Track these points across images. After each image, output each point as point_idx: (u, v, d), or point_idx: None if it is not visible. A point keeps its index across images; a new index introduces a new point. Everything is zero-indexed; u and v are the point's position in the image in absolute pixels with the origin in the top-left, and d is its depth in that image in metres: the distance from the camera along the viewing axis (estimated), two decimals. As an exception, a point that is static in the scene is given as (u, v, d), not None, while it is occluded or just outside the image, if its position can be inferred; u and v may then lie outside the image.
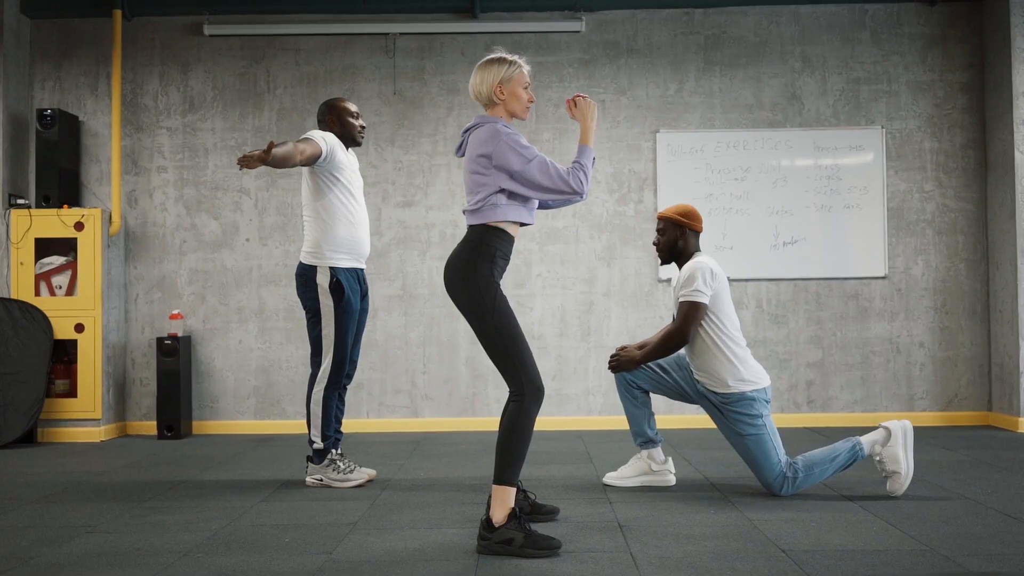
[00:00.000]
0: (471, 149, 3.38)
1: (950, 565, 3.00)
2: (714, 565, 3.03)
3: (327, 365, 4.41)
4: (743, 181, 6.50)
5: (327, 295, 4.37)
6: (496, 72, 3.41)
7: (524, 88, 3.45)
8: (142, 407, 6.55)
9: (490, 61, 3.44)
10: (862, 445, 4.03)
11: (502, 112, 3.44)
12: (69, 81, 6.62)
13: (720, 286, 4.12)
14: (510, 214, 3.35)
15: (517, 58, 3.46)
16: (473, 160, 3.35)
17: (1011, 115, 6.13)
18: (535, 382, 3.27)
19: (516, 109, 3.45)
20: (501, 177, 3.31)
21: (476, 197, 3.35)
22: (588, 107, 3.47)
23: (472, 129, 3.43)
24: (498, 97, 3.41)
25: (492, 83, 3.40)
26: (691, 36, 6.60)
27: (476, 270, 3.30)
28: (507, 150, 3.29)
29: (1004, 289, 6.26)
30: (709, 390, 4.15)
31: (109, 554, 3.25)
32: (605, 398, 6.49)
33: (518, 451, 3.24)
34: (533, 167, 3.29)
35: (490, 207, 3.33)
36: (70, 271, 6.26)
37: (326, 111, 4.56)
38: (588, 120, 3.45)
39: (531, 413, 3.26)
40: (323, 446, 4.44)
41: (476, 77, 3.44)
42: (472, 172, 3.36)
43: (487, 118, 3.41)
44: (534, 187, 3.31)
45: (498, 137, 3.30)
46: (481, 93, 3.43)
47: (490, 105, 3.44)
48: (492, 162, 3.30)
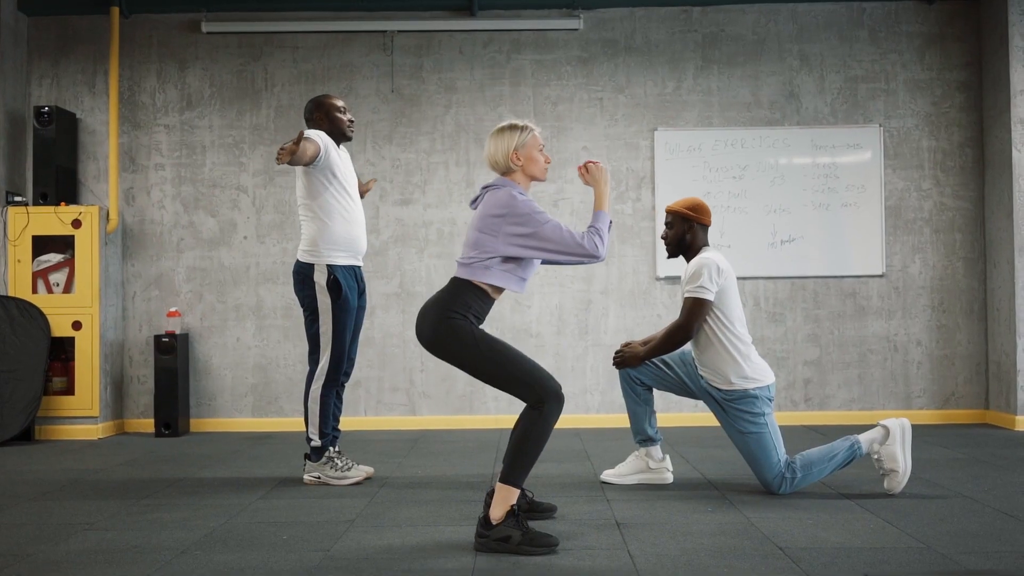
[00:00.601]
0: (484, 208, 3.40)
1: (947, 563, 3.00)
2: (711, 563, 3.03)
3: (325, 363, 4.41)
4: (741, 179, 6.51)
5: (324, 293, 4.37)
6: (509, 140, 3.45)
7: (539, 150, 3.49)
8: (139, 405, 6.54)
9: (501, 130, 3.48)
10: (860, 444, 4.04)
11: (520, 178, 3.48)
12: (66, 78, 6.62)
13: (727, 282, 4.10)
14: (497, 278, 3.38)
15: (527, 122, 3.50)
16: (484, 219, 3.37)
17: (1009, 113, 6.13)
18: (552, 387, 3.27)
19: (535, 172, 3.49)
20: (508, 242, 3.33)
21: (472, 253, 3.39)
22: (600, 173, 3.52)
23: (490, 188, 3.45)
24: (515, 164, 3.45)
25: (507, 151, 3.44)
26: (689, 34, 6.60)
27: (448, 315, 3.33)
28: (521, 215, 3.32)
29: (1001, 287, 6.26)
30: (712, 386, 4.15)
31: (107, 551, 3.25)
32: (603, 396, 6.50)
33: (532, 455, 3.24)
34: (546, 229, 3.31)
35: (481, 267, 3.37)
36: (67, 268, 6.26)
37: (313, 108, 4.56)
38: (601, 185, 3.50)
39: (551, 418, 3.26)
40: (321, 444, 4.45)
41: (490, 147, 3.48)
42: (479, 230, 3.38)
43: (506, 182, 3.44)
44: (547, 250, 3.33)
45: (514, 202, 3.34)
46: (498, 163, 3.47)
47: (508, 172, 3.47)
48: (503, 225, 3.32)
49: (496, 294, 3.43)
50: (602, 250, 3.37)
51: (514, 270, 3.40)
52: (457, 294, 3.37)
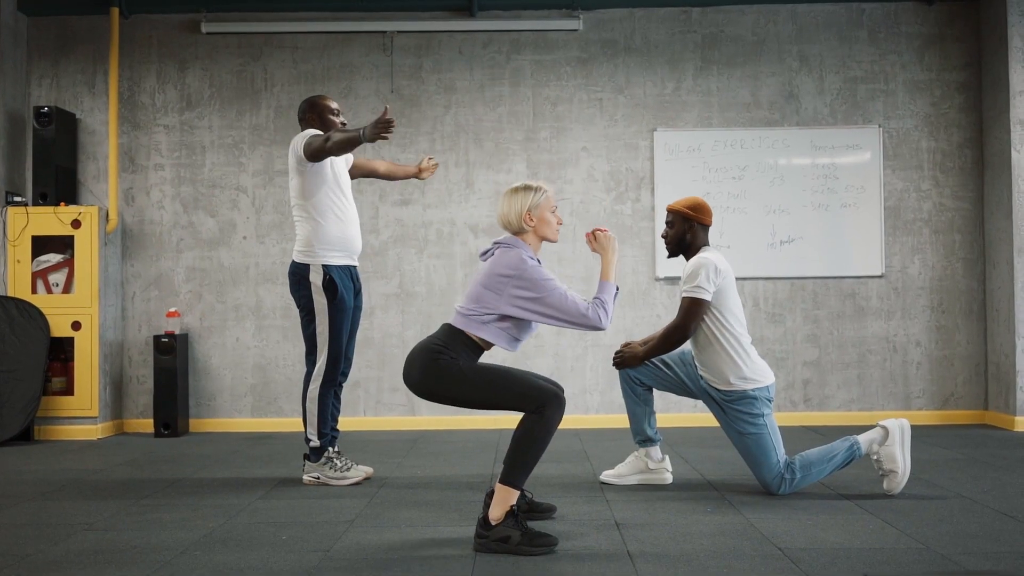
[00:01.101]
0: (493, 266, 3.42)
1: (946, 563, 3.00)
2: (711, 563, 3.04)
3: (322, 363, 4.41)
4: (740, 180, 6.51)
5: (320, 293, 4.37)
6: (523, 201, 3.47)
7: (552, 211, 3.52)
8: (139, 405, 6.54)
9: (515, 190, 3.51)
10: (859, 444, 4.04)
11: (532, 238, 3.50)
12: (66, 79, 6.62)
13: (725, 282, 4.10)
14: (490, 335, 3.40)
15: (541, 183, 3.53)
16: (491, 276, 3.39)
17: (1008, 114, 6.14)
18: (550, 390, 3.27)
19: (547, 233, 3.52)
20: (510, 303, 3.35)
21: (472, 306, 3.41)
22: (608, 241, 3.54)
23: (502, 246, 3.47)
24: (527, 224, 3.47)
25: (520, 212, 3.47)
26: (689, 35, 6.60)
27: (435, 360, 3.34)
28: (528, 280, 3.33)
29: (1000, 288, 6.27)
30: (711, 387, 4.15)
31: (106, 552, 3.25)
32: (602, 396, 6.50)
33: (533, 457, 3.24)
34: (553, 298, 3.33)
35: (478, 322, 3.39)
36: (67, 269, 6.26)
37: (307, 109, 4.57)
38: (609, 254, 3.53)
39: (553, 420, 3.25)
40: (320, 444, 4.45)
41: (504, 206, 3.50)
42: (484, 285, 3.40)
43: (518, 242, 3.46)
44: (549, 316, 3.35)
45: (524, 266, 3.35)
46: (511, 223, 3.49)
47: (520, 232, 3.49)
48: (509, 285, 3.33)
49: (486, 347, 3.45)
50: (605, 322, 3.38)
51: (509, 329, 3.42)
52: (447, 341, 3.39)
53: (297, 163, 4.37)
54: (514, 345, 3.47)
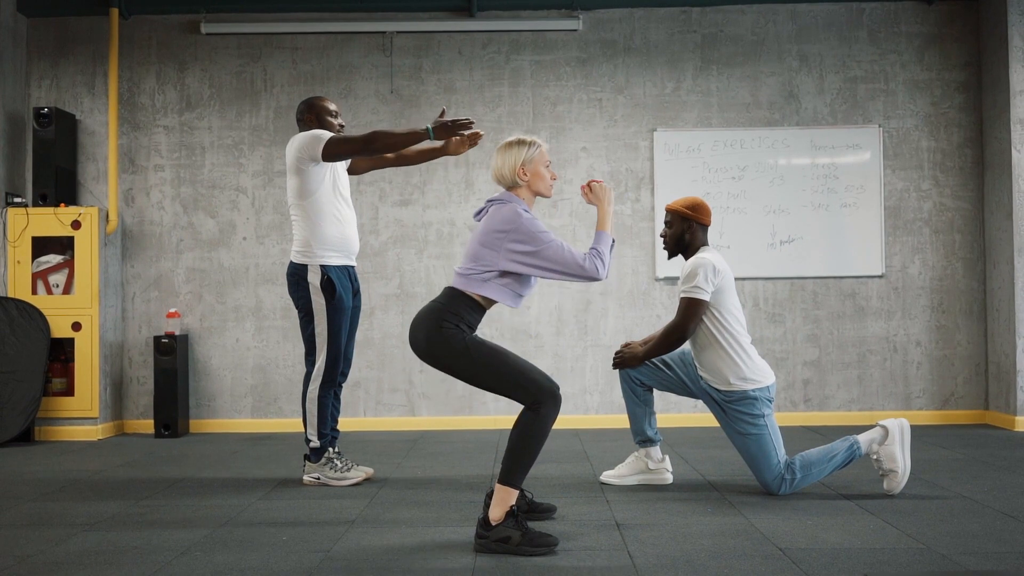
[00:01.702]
0: (488, 222, 3.41)
1: (947, 563, 3.00)
2: (711, 563, 3.04)
3: (321, 363, 4.41)
4: (740, 180, 6.51)
5: (319, 293, 4.37)
6: (517, 154, 3.46)
7: (546, 166, 3.50)
8: (139, 406, 6.54)
9: (509, 144, 3.49)
10: (859, 444, 4.04)
11: (526, 193, 3.49)
12: (66, 79, 6.62)
13: (724, 282, 4.09)
14: (491, 291, 3.39)
15: (535, 138, 3.51)
16: (487, 233, 3.39)
17: (1008, 114, 6.13)
18: (547, 387, 3.26)
19: (541, 188, 3.50)
20: (508, 258, 3.34)
21: (471, 265, 3.40)
22: (604, 192, 3.52)
23: (496, 203, 3.46)
24: (521, 179, 3.46)
25: (514, 166, 3.45)
26: (688, 35, 6.60)
27: (440, 330, 3.34)
28: (524, 233, 3.33)
29: (1001, 288, 6.27)
30: (712, 387, 4.14)
31: (107, 552, 3.25)
32: (602, 397, 6.50)
33: (530, 456, 3.24)
34: (550, 250, 3.32)
35: (478, 280, 3.38)
36: (67, 270, 6.26)
37: (305, 110, 4.57)
38: (604, 205, 3.51)
39: (548, 418, 3.25)
40: (320, 444, 4.45)
41: (497, 160, 3.49)
42: (480, 243, 3.39)
43: (512, 197, 3.45)
44: (547, 269, 3.34)
45: (519, 219, 3.35)
46: (504, 176, 3.48)
47: (514, 187, 3.48)
48: (506, 241, 3.33)
49: (488, 305, 3.44)
50: (603, 272, 3.37)
51: (510, 285, 3.41)
52: (449, 304, 3.38)
53: (297, 162, 4.37)
54: (516, 301, 3.46)
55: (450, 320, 3.34)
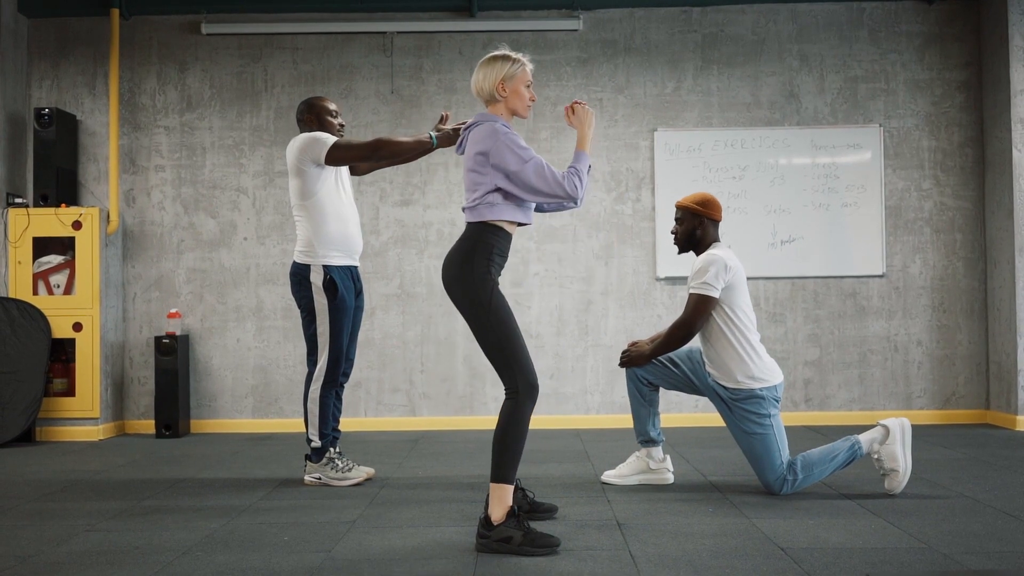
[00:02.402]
0: (470, 147, 3.39)
1: (948, 563, 3.00)
2: (713, 563, 3.03)
3: (323, 363, 4.41)
4: (741, 180, 6.51)
5: (321, 293, 4.37)
6: (499, 69, 3.41)
7: (526, 86, 3.45)
8: (140, 406, 6.54)
9: (493, 58, 3.44)
10: (860, 444, 4.03)
11: (503, 110, 3.44)
12: (67, 80, 6.62)
13: (735, 279, 4.08)
14: (506, 213, 3.36)
15: (520, 56, 3.46)
16: (471, 158, 3.37)
17: (1009, 113, 6.13)
18: (529, 379, 3.26)
19: (518, 107, 3.45)
20: (497, 176, 3.32)
21: (473, 195, 3.37)
22: (585, 114, 3.47)
23: (472, 127, 3.43)
24: (500, 94, 3.41)
25: (495, 80, 3.41)
26: (689, 34, 6.60)
27: (473, 267, 3.31)
28: (504, 149, 3.29)
29: (1002, 287, 6.26)
30: (719, 384, 4.13)
31: (108, 553, 3.25)
32: (603, 396, 6.50)
33: (514, 449, 3.24)
34: (528, 168, 3.29)
35: (487, 205, 3.35)
36: (68, 270, 6.26)
37: (305, 110, 4.57)
38: (585, 127, 3.46)
39: (526, 411, 3.25)
40: (321, 444, 4.44)
41: (479, 73, 3.44)
42: (470, 170, 3.37)
43: (487, 116, 3.41)
44: (528, 189, 3.31)
45: (496, 136, 3.31)
46: (483, 89, 3.43)
47: (491, 102, 3.44)
48: (489, 160, 3.31)
49: (512, 229, 3.41)
50: (580, 192, 3.35)
51: (515, 200, 3.38)
52: (478, 239, 3.34)
53: (298, 164, 4.37)
54: (528, 215, 3.43)
55: (482, 256, 3.31)
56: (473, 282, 3.30)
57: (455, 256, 3.36)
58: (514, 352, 3.27)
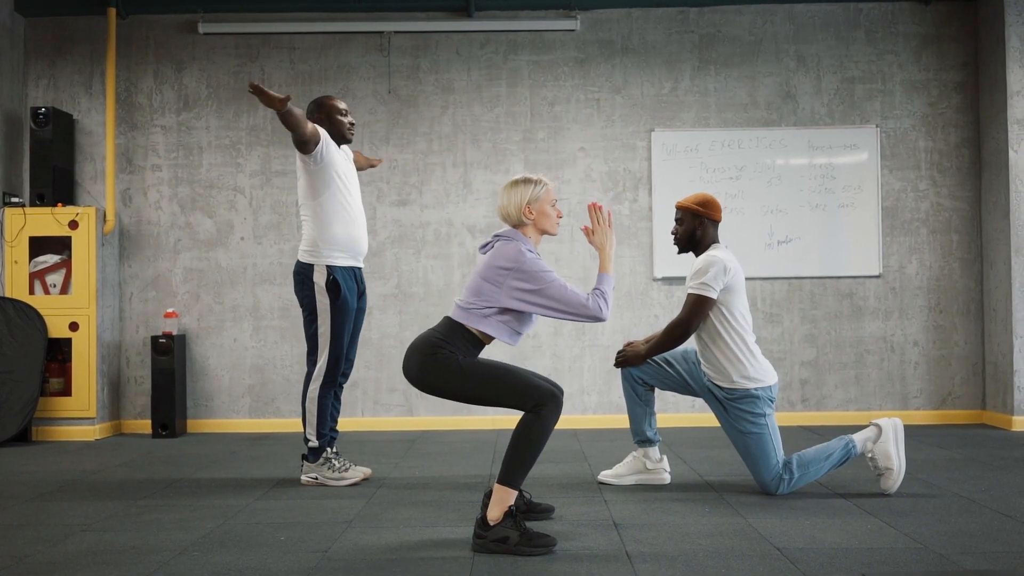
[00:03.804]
0: (492, 258, 3.42)
1: (944, 563, 3.01)
2: (709, 563, 3.04)
3: (323, 363, 4.41)
4: (738, 180, 6.51)
5: (323, 293, 4.38)
6: (523, 193, 3.47)
7: (552, 205, 3.52)
8: (137, 406, 6.54)
9: (515, 183, 3.50)
10: (854, 443, 4.04)
11: (532, 231, 3.51)
12: (63, 79, 6.61)
13: (734, 281, 4.09)
14: (491, 328, 3.41)
15: (541, 177, 3.53)
16: (491, 268, 3.40)
17: (1005, 114, 6.14)
18: (547, 389, 3.28)
19: (547, 226, 3.52)
20: (510, 295, 3.35)
21: (472, 299, 3.41)
22: (606, 236, 3.53)
23: (502, 239, 3.48)
24: (527, 217, 3.48)
25: (520, 204, 3.47)
26: (686, 35, 6.60)
27: (433, 355, 3.36)
28: (527, 272, 3.34)
29: (998, 288, 6.27)
30: (714, 384, 4.14)
31: (105, 552, 3.25)
32: (600, 397, 6.50)
33: (531, 457, 3.25)
34: (552, 289, 3.34)
35: (478, 315, 3.40)
36: (64, 269, 6.25)
37: (315, 109, 4.57)
38: (607, 249, 3.53)
39: (550, 419, 3.26)
40: (318, 444, 4.44)
41: (504, 199, 3.51)
42: (483, 278, 3.41)
43: (518, 235, 3.47)
44: (550, 308, 3.35)
45: (522, 258, 3.36)
46: (510, 215, 3.49)
47: (520, 225, 3.50)
48: (509, 278, 3.34)
49: (487, 341, 3.46)
50: (606, 312, 3.39)
51: (510, 323, 3.43)
52: (447, 334, 3.41)
53: (303, 163, 4.38)
54: (515, 339, 3.48)
55: (444, 348, 3.36)
56: (436, 365, 3.35)
57: (418, 348, 3.40)
58: (514, 380, 3.30)
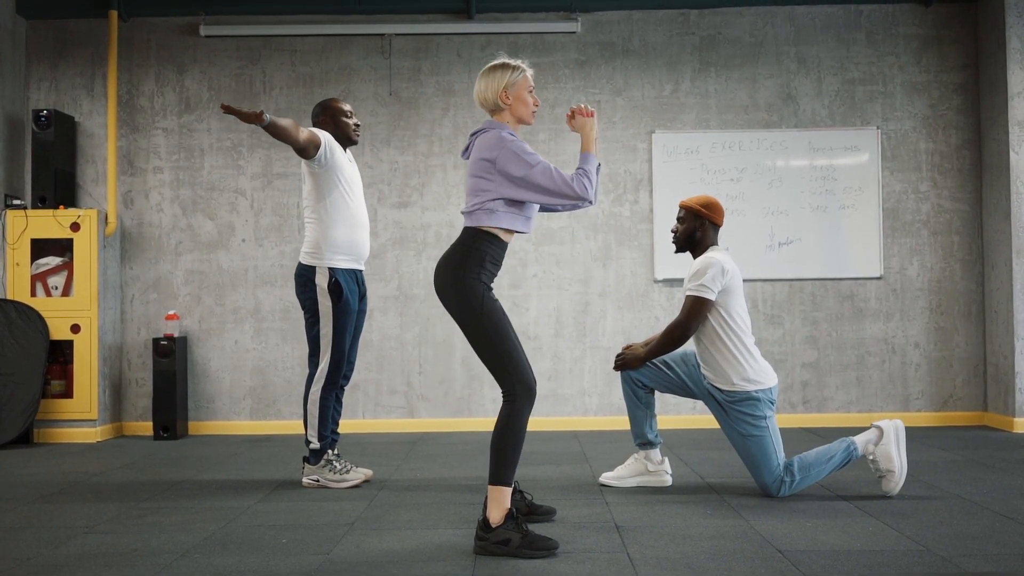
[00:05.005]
0: (476, 153, 3.39)
1: (946, 565, 3.01)
2: (711, 565, 3.04)
3: (324, 365, 4.41)
4: (739, 182, 6.51)
5: (325, 295, 4.38)
6: (500, 78, 3.43)
7: (529, 92, 3.47)
8: (138, 408, 6.54)
9: (493, 67, 3.45)
10: (856, 445, 4.04)
11: (508, 118, 3.46)
12: (65, 82, 6.62)
13: (732, 283, 4.10)
14: (504, 221, 3.36)
15: (520, 63, 3.47)
16: (476, 163, 3.37)
17: (1006, 116, 6.14)
18: (526, 381, 3.27)
19: (522, 114, 3.47)
20: (503, 183, 3.32)
21: (474, 200, 3.37)
22: (585, 120, 3.47)
23: (479, 133, 3.45)
24: (503, 102, 3.43)
25: (497, 89, 3.42)
26: (687, 37, 6.60)
27: (464, 273, 3.32)
28: (511, 156, 3.30)
29: (999, 289, 6.27)
30: (714, 387, 4.14)
31: (106, 555, 3.25)
32: (600, 398, 6.50)
33: (512, 451, 3.25)
34: (536, 172, 3.30)
35: (486, 212, 3.35)
36: (66, 272, 6.26)
37: (320, 112, 4.58)
38: (587, 129, 3.47)
39: (523, 413, 3.26)
40: (320, 446, 4.45)
41: (480, 83, 3.46)
42: (474, 175, 3.38)
43: (494, 123, 3.43)
44: (537, 191, 3.32)
45: (503, 143, 3.32)
46: (487, 99, 3.45)
47: (496, 111, 3.46)
48: (496, 167, 3.31)
49: (507, 237, 3.41)
50: (591, 192, 3.35)
51: (516, 209, 3.38)
52: (471, 244, 3.35)
53: (307, 166, 4.39)
54: (527, 224, 3.43)
55: (473, 264, 3.31)
56: (463, 287, 3.30)
57: (447, 261, 3.37)
58: (508, 355, 3.28)
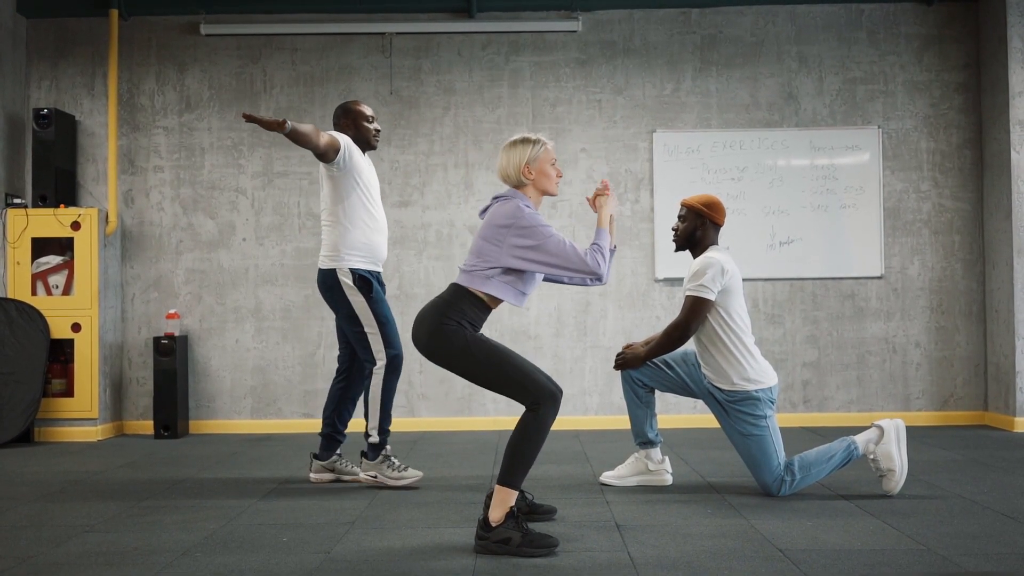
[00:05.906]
0: (491, 218, 3.42)
1: (946, 564, 3.01)
2: (711, 564, 3.04)
3: (382, 358, 4.32)
4: (739, 181, 6.51)
5: (355, 292, 4.32)
6: (521, 153, 3.47)
7: (551, 164, 3.51)
8: (139, 407, 6.54)
9: (514, 143, 3.49)
10: (856, 444, 4.04)
11: (531, 192, 3.50)
12: (65, 81, 6.62)
13: (732, 283, 4.10)
14: (496, 290, 3.40)
15: (540, 136, 3.51)
16: (489, 227, 3.40)
17: (1007, 115, 6.14)
18: (548, 389, 3.27)
19: (546, 186, 3.51)
20: (509, 253, 3.35)
21: (475, 261, 3.41)
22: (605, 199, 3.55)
23: (500, 199, 3.48)
24: (526, 177, 3.47)
25: (519, 164, 3.46)
26: (688, 36, 6.60)
27: (444, 320, 3.35)
28: (527, 227, 3.34)
29: (1000, 289, 6.27)
30: (714, 387, 4.14)
31: (107, 553, 3.25)
32: (601, 398, 6.50)
33: (529, 457, 3.24)
34: (551, 242, 3.33)
35: (481, 277, 3.39)
36: (67, 271, 6.26)
37: (341, 115, 4.54)
38: (604, 209, 3.54)
39: (547, 419, 3.26)
40: (379, 440, 4.38)
41: (502, 159, 3.50)
42: (483, 239, 3.41)
43: (515, 194, 3.47)
44: (549, 264, 3.35)
45: (520, 213, 3.36)
46: (509, 176, 3.49)
47: (520, 186, 3.49)
48: (509, 233, 3.34)
49: (493, 304, 3.45)
50: (604, 268, 3.39)
51: (514, 283, 3.42)
52: (454, 301, 3.39)
53: (325, 168, 4.36)
54: (520, 299, 3.47)
55: (453, 318, 3.35)
56: (444, 338, 3.33)
57: (426, 316, 3.39)
58: (518, 371, 3.28)
